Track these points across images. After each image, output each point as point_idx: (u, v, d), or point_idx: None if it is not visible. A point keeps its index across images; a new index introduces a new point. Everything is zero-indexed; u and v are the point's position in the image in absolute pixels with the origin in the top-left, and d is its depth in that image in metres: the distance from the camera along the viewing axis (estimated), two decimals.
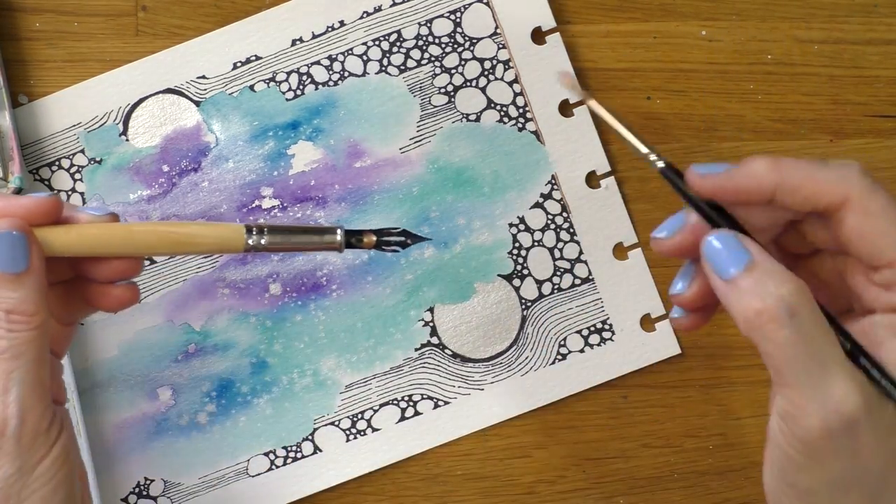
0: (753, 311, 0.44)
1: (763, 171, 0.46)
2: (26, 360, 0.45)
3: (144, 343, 0.62)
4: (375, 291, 0.62)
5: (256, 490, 0.61)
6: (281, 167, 0.62)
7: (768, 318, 0.44)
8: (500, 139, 0.62)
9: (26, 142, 0.62)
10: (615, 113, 0.50)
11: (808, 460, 0.46)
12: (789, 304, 0.44)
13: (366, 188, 0.62)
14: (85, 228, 0.47)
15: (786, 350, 0.44)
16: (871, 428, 0.44)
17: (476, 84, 0.63)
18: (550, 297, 0.62)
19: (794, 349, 0.44)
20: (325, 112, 0.63)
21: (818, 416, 0.44)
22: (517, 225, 0.62)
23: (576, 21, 0.64)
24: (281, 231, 0.48)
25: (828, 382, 0.44)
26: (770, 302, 0.44)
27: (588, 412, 0.63)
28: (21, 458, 0.45)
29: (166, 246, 0.47)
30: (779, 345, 0.44)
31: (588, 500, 0.63)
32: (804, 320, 0.44)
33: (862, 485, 0.46)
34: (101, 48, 0.63)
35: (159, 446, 0.61)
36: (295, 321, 0.62)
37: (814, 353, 0.44)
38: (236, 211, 0.62)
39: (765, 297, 0.44)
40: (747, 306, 0.44)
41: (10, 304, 0.45)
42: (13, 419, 0.45)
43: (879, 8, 0.64)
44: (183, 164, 0.63)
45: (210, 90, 0.63)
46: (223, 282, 0.62)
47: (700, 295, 0.49)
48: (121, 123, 0.63)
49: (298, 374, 0.62)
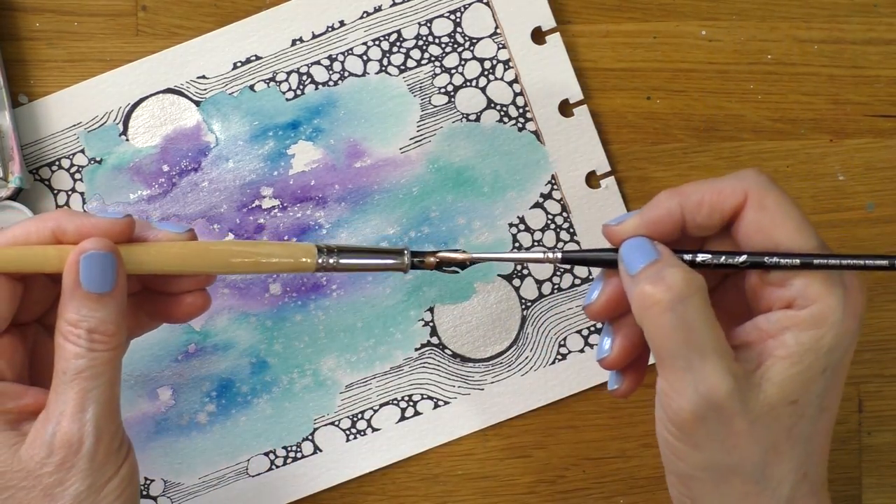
0: (644, 295, 0.47)
1: (665, 197, 0.49)
2: (104, 381, 0.46)
3: (144, 343, 0.62)
4: (375, 291, 0.62)
5: (257, 490, 0.61)
6: (281, 167, 0.62)
7: (653, 301, 0.46)
8: (500, 139, 0.63)
9: (26, 142, 0.62)
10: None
11: (683, 444, 0.48)
12: (677, 293, 0.46)
13: (366, 188, 0.62)
14: (165, 247, 0.48)
15: (666, 334, 0.46)
16: (744, 416, 0.46)
17: (476, 84, 0.63)
18: (550, 297, 0.62)
19: (674, 334, 0.46)
20: (325, 112, 0.63)
21: (689, 399, 0.46)
22: (517, 225, 0.62)
23: (576, 21, 0.64)
24: (351, 252, 0.49)
25: (702, 368, 0.46)
26: (659, 288, 0.46)
27: (588, 412, 0.63)
28: (93, 476, 0.46)
29: (241, 265, 0.48)
30: (660, 328, 0.46)
31: (588, 500, 0.63)
32: (688, 309, 0.46)
33: (742, 473, 0.48)
34: (101, 48, 0.63)
35: (159, 446, 0.61)
36: (295, 321, 0.62)
37: (692, 340, 0.46)
38: (236, 211, 0.62)
39: (656, 283, 0.46)
40: (640, 291, 0.47)
41: (92, 324, 0.46)
42: (89, 438, 0.46)
43: (879, 8, 0.64)
44: (183, 164, 0.63)
45: (210, 90, 0.63)
46: (223, 281, 0.62)
47: (622, 350, 0.52)
48: (121, 123, 0.63)
49: (298, 374, 0.62)
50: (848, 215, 0.64)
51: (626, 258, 0.49)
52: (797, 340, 0.48)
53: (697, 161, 0.63)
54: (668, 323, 0.46)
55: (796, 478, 0.49)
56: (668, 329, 0.46)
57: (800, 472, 0.49)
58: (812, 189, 0.64)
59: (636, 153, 0.63)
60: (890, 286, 0.64)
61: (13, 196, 0.60)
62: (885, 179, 0.64)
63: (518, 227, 0.62)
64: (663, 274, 0.47)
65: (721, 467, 0.48)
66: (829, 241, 0.61)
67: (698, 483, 0.49)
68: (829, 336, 0.47)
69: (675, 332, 0.46)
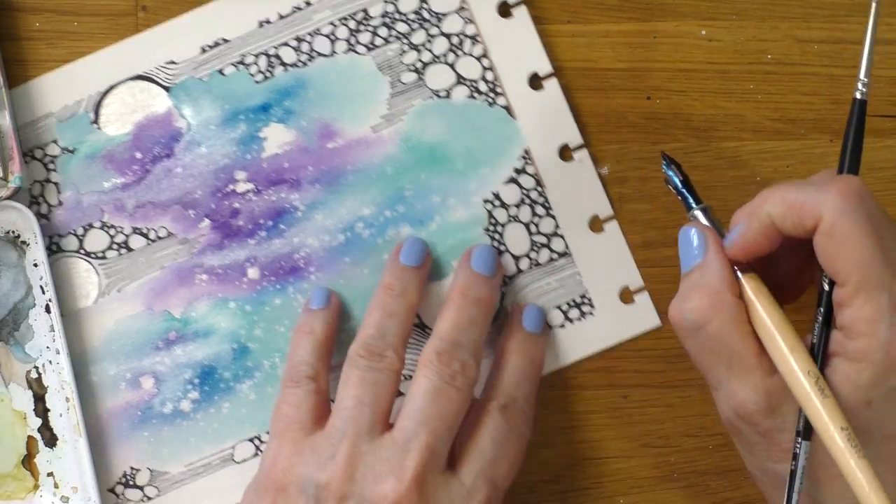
0: (672, 320, 0.52)
1: (759, 204, 0.51)
2: None
3: (125, 332, 0.62)
4: (353, 272, 0.62)
5: (243, 476, 0.61)
6: (254, 150, 0.62)
7: (679, 328, 0.52)
8: (471, 115, 0.62)
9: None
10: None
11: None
12: (693, 321, 0.50)
13: (339, 169, 0.62)
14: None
15: (694, 357, 0.52)
16: (775, 428, 0.50)
17: (445, 60, 0.62)
18: (528, 272, 0.62)
19: (700, 358, 0.51)
20: (294, 93, 0.62)
21: (723, 414, 0.51)
22: (492, 201, 0.62)
23: (575, 21, 0.63)
24: None
25: (731, 385, 0.50)
26: (678, 315, 0.51)
27: (588, 412, 0.63)
28: None
29: None
30: (689, 351, 0.52)
31: (588, 500, 0.63)
32: (709, 334, 0.50)
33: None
34: (101, 48, 0.63)
35: (144, 435, 0.62)
36: (274, 305, 0.62)
37: (718, 361, 0.50)
38: (211, 196, 0.62)
39: (680, 310, 0.51)
40: (671, 314, 0.52)
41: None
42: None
43: (879, 8, 0.63)
44: (156, 151, 0.62)
45: (179, 75, 0.62)
46: (201, 268, 0.62)
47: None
48: (92, 112, 0.62)
49: (280, 359, 0.62)
50: None
51: (680, 250, 0.53)
52: (840, 368, 0.48)
53: (697, 161, 0.62)
54: (691, 349, 0.52)
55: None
56: (693, 354, 0.52)
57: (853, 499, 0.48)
58: None
59: (636, 153, 0.62)
60: None
61: (13, 196, 0.61)
62: (885, 179, 0.63)
63: (493, 203, 0.62)
64: (688, 295, 0.51)
65: (769, 472, 0.51)
66: None
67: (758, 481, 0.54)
68: (867, 373, 0.47)
69: (699, 358, 0.51)
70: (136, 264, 0.62)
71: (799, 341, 0.49)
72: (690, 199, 0.55)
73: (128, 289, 0.62)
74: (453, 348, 0.56)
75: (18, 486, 0.61)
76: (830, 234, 0.48)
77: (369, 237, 0.62)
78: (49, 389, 0.61)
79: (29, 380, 0.62)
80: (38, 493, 0.61)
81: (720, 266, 0.51)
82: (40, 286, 0.61)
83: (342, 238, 0.62)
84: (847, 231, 0.48)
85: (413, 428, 0.54)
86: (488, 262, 0.59)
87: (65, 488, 0.61)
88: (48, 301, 0.61)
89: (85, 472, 0.60)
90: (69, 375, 0.60)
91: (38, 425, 0.62)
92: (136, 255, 0.62)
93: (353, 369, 0.56)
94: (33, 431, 0.62)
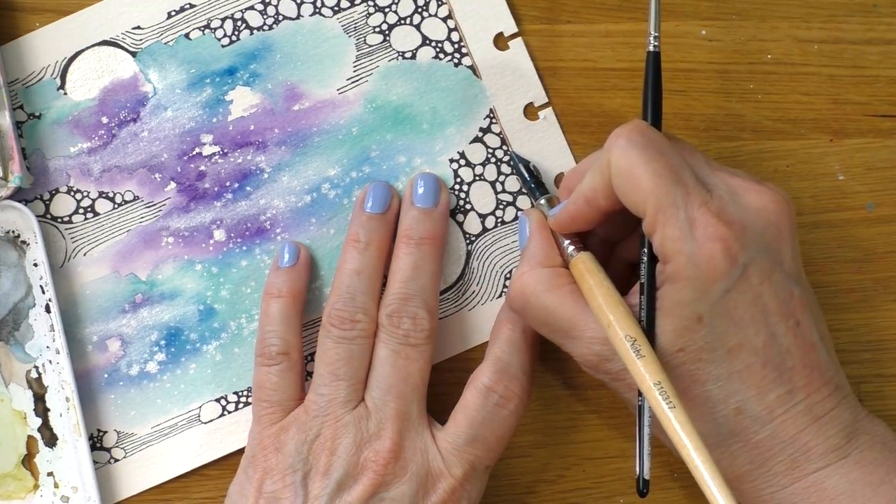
0: (508, 302, 0.58)
1: (570, 183, 0.56)
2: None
3: (91, 295, 0.62)
4: (319, 233, 0.62)
5: (210, 436, 0.61)
6: (220, 113, 0.62)
7: (514, 307, 0.57)
8: (436, 75, 0.63)
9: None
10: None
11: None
12: (513, 297, 0.56)
13: (305, 130, 0.62)
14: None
15: (536, 328, 0.57)
16: (620, 370, 0.53)
17: (410, 21, 0.63)
18: (494, 230, 0.62)
19: (539, 329, 0.56)
20: (261, 57, 0.63)
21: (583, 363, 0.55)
22: (458, 160, 0.62)
23: (575, 21, 0.63)
24: None
25: (569, 346, 0.54)
26: (510, 295, 0.57)
27: (588, 412, 0.63)
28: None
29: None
30: (531, 325, 0.57)
31: (588, 500, 0.62)
32: (534, 305, 0.54)
33: None
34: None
35: (111, 398, 0.61)
36: (241, 266, 0.62)
37: (551, 329, 0.55)
38: (177, 159, 0.62)
39: (510, 289, 0.57)
40: (507, 299, 0.58)
41: None
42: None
43: (879, 8, 0.64)
44: (122, 115, 0.62)
45: (146, 40, 0.63)
46: (167, 230, 0.62)
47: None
48: (58, 78, 0.62)
49: (247, 320, 0.62)
50: (848, 215, 0.64)
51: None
52: (665, 294, 0.50)
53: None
54: (530, 321, 0.56)
55: (727, 413, 0.50)
56: (532, 325, 0.56)
57: (730, 408, 0.50)
58: (812, 189, 0.64)
59: None
60: (890, 286, 0.63)
61: (13, 196, 0.61)
62: (885, 179, 0.64)
63: (459, 163, 0.62)
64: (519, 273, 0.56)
65: (632, 404, 0.54)
66: (829, 241, 0.63)
67: None
68: (686, 290, 0.49)
69: (538, 328, 0.56)
70: (101, 228, 0.62)
71: (620, 305, 0.51)
72: (537, 192, 0.59)
73: (94, 252, 0.62)
74: (402, 305, 0.57)
75: (18, 485, 0.61)
76: (619, 173, 0.50)
77: (335, 198, 0.62)
78: (49, 389, 0.61)
79: (29, 379, 0.61)
80: (38, 493, 0.61)
81: (536, 242, 0.56)
82: (40, 286, 0.61)
83: (308, 199, 0.62)
84: (630, 163, 0.50)
85: (381, 397, 0.56)
86: (429, 194, 0.60)
87: (65, 488, 0.61)
88: (48, 301, 0.61)
89: (85, 472, 0.60)
90: (69, 375, 0.60)
91: (38, 425, 0.61)
92: (102, 218, 0.62)
93: (327, 340, 0.57)
94: (33, 431, 0.61)
